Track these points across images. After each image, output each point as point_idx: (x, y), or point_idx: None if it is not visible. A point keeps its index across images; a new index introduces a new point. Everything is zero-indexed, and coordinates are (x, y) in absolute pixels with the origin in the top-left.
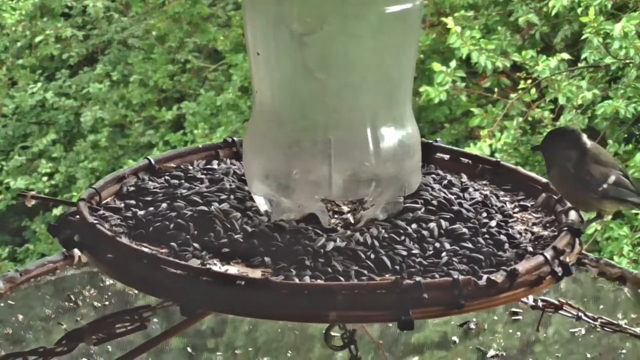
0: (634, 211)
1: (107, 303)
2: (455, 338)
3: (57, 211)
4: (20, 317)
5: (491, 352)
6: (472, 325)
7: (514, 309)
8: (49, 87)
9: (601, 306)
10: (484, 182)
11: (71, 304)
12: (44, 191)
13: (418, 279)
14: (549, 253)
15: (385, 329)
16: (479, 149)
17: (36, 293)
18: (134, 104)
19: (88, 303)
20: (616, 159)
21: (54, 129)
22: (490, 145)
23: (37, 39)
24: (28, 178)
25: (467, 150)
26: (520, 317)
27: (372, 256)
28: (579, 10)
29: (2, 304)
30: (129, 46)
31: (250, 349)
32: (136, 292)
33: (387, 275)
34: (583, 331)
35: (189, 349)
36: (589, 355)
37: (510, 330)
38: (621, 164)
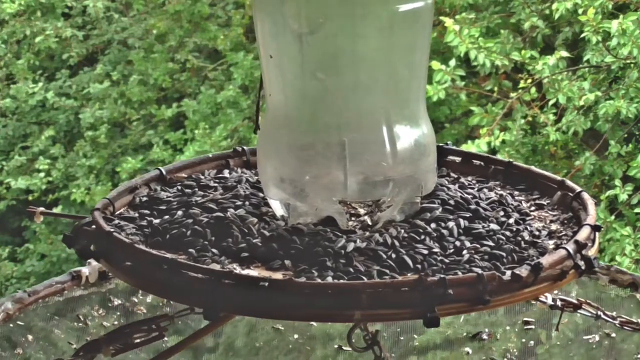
0: (635, 211)
1: (115, 322)
2: (468, 349)
3: (57, 210)
4: (30, 337)
5: None
6: (485, 336)
7: (526, 319)
8: (50, 87)
9: (614, 312)
10: (497, 182)
11: (80, 324)
12: (41, 188)
13: (442, 275)
14: (571, 247)
15: (386, 328)
16: (477, 146)
17: (45, 314)
18: (133, 102)
19: (97, 323)
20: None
21: (53, 129)
22: (489, 143)
23: (37, 39)
24: (28, 178)
25: (465, 148)
26: (532, 327)
27: (393, 256)
28: (580, 11)
29: (11, 325)
30: (129, 46)
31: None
32: (145, 310)
33: (409, 274)
34: (597, 337)
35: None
36: None
37: (524, 340)
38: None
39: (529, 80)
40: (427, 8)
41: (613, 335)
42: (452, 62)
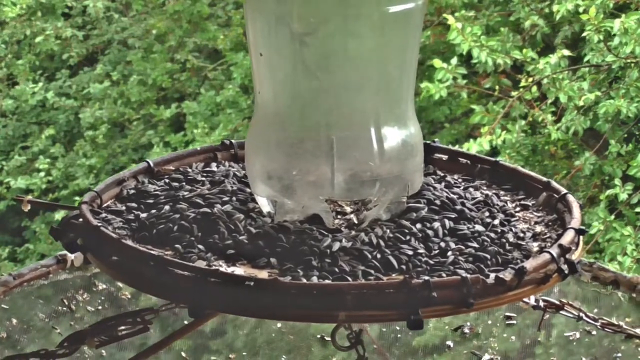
0: (635, 211)
1: (100, 307)
2: (449, 342)
3: (58, 212)
4: (15, 321)
5: (486, 357)
6: (467, 330)
7: (507, 314)
8: (50, 87)
9: (595, 310)
10: (483, 181)
11: (65, 308)
12: (41, 188)
13: (427, 277)
14: (555, 251)
15: (385, 330)
16: (479, 145)
17: (30, 297)
18: (132, 102)
19: (82, 307)
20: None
21: (53, 129)
22: (490, 142)
23: (38, 39)
24: (28, 178)
25: (466, 146)
26: (514, 322)
27: (379, 256)
28: (581, 10)
29: None
30: (129, 46)
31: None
32: (129, 296)
33: (393, 275)
34: (578, 335)
35: (182, 354)
36: (583, 359)
37: (505, 334)
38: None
39: (530, 80)
40: (418, 9)
41: (594, 333)
42: (454, 60)
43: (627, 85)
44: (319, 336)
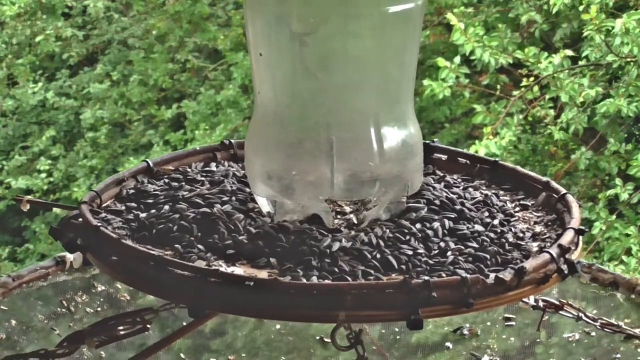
0: (636, 210)
1: (99, 309)
2: (449, 344)
3: (58, 211)
4: (14, 322)
5: (485, 358)
6: (466, 331)
7: (507, 315)
8: (50, 87)
9: (595, 311)
10: (482, 181)
11: (64, 310)
12: (42, 189)
13: (427, 278)
14: (554, 251)
15: (385, 331)
16: (485, 146)
17: (29, 299)
18: (133, 102)
19: (80, 309)
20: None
21: (54, 129)
22: (496, 143)
23: (38, 39)
24: (28, 178)
25: (474, 149)
26: (513, 323)
27: (378, 256)
28: (580, 8)
29: None
30: (129, 46)
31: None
32: (128, 297)
33: (393, 275)
34: (577, 336)
35: (182, 355)
36: None
37: (504, 336)
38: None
39: (532, 79)
40: (418, 9)
41: (593, 334)
42: (457, 59)
43: (626, 84)
44: (318, 337)
